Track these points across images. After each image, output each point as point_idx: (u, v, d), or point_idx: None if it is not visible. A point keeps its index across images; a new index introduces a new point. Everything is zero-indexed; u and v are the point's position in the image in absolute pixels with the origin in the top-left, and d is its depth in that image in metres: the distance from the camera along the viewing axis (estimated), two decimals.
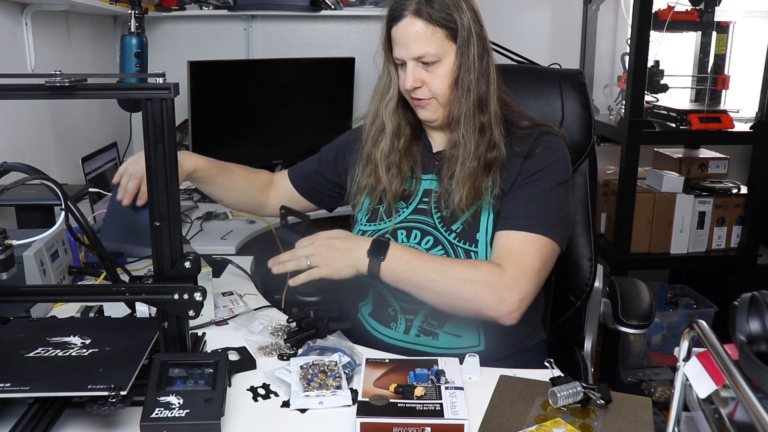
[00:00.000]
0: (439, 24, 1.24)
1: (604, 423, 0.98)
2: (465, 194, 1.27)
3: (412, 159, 1.38)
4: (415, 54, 1.25)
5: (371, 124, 1.39)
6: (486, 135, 1.28)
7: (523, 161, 1.30)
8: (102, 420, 0.98)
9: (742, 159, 2.92)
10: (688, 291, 2.86)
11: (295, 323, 1.27)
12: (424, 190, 1.37)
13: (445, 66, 1.26)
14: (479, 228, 1.29)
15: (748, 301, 0.70)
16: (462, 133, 1.28)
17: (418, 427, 0.94)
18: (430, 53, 1.24)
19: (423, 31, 1.24)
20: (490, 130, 1.28)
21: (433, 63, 1.26)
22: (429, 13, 1.23)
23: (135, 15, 1.52)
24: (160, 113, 0.98)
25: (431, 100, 1.30)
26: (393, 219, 1.37)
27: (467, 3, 1.26)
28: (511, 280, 1.19)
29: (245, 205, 1.60)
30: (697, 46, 2.77)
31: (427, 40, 1.24)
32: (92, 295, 1.18)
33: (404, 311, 1.35)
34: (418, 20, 1.24)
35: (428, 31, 1.24)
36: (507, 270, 1.20)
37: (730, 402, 0.72)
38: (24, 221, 1.59)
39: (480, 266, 1.22)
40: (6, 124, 1.80)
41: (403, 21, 1.25)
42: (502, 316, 1.20)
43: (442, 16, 1.24)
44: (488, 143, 1.28)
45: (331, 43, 2.96)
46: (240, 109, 2.50)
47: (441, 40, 1.25)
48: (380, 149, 1.36)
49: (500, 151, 1.28)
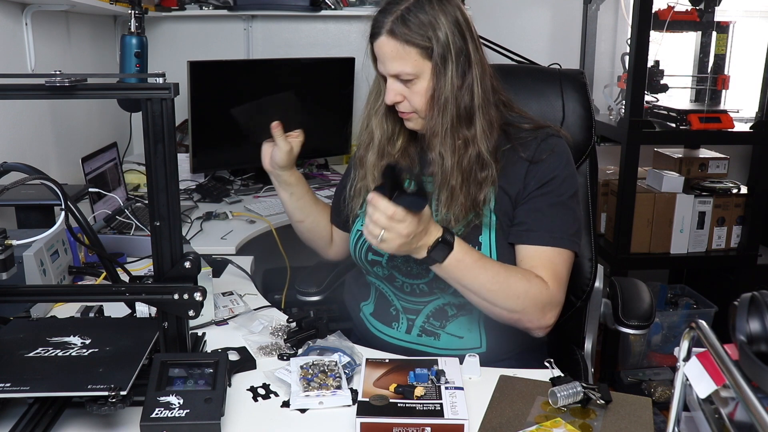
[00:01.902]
0: (412, 43, 1.22)
1: (604, 423, 0.98)
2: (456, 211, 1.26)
3: (409, 160, 1.38)
4: (392, 72, 1.25)
5: (362, 131, 1.41)
6: (469, 151, 1.26)
7: (529, 165, 1.29)
8: (102, 420, 0.98)
9: (742, 159, 2.92)
10: (688, 291, 2.86)
11: (295, 323, 1.27)
12: None
13: (423, 82, 1.25)
14: (481, 231, 1.29)
15: (748, 301, 0.70)
16: (439, 151, 1.26)
17: (418, 427, 0.94)
18: (405, 71, 1.24)
19: (397, 51, 1.23)
20: (475, 146, 1.25)
21: (410, 80, 1.25)
22: (402, 32, 1.22)
23: (135, 15, 1.52)
24: (160, 113, 0.98)
25: (412, 114, 1.30)
26: None
27: (448, 17, 1.23)
28: (554, 296, 1.24)
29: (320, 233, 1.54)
30: (697, 46, 2.77)
31: (401, 59, 1.23)
32: (92, 295, 1.18)
33: (406, 311, 1.35)
34: (391, 39, 1.23)
35: (402, 51, 1.23)
36: (550, 286, 1.23)
37: (730, 402, 0.72)
38: (24, 221, 1.59)
39: (532, 281, 1.23)
40: (6, 124, 1.80)
41: (380, 39, 1.24)
42: (538, 329, 1.25)
43: (416, 34, 1.21)
44: (475, 159, 1.26)
45: (331, 43, 2.96)
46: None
47: (415, 59, 1.23)
48: (369, 157, 1.37)
49: (491, 170, 1.26)
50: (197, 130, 2.38)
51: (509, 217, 1.30)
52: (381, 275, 1.37)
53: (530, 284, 1.22)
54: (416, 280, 1.32)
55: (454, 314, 1.33)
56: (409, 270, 1.32)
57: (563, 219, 1.28)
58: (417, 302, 1.34)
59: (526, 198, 1.29)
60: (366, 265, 1.38)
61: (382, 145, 1.37)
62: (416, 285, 1.33)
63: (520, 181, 1.29)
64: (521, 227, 1.28)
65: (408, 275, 1.32)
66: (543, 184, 1.28)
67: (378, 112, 1.36)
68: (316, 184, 2.60)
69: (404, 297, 1.35)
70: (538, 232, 1.26)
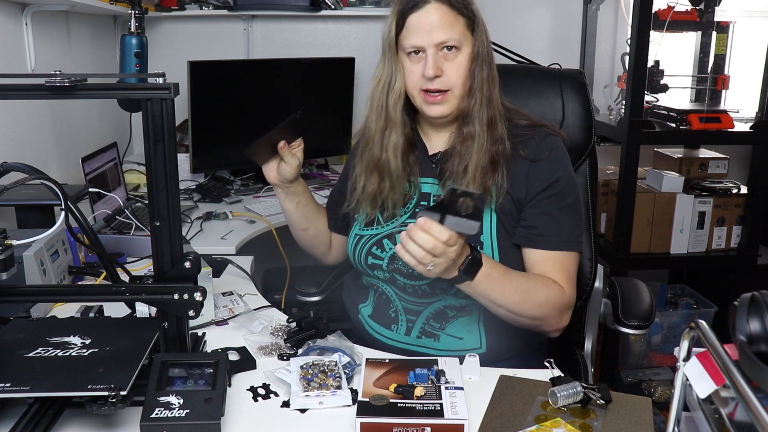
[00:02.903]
0: (462, 13, 1.27)
1: (604, 423, 0.98)
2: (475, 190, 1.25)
3: (409, 166, 1.36)
4: (439, 39, 1.25)
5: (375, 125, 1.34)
6: (493, 129, 1.29)
7: (530, 165, 1.30)
8: (102, 420, 0.98)
9: (742, 159, 2.92)
10: (688, 291, 2.86)
11: (295, 323, 1.27)
12: (421, 194, 1.36)
13: (464, 55, 1.27)
14: (482, 230, 1.29)
15: (748, 301, 0.70)
16: (477, 126, 1.28)
17: (418, 427, 0.94)
18: (453, 38, 1.25)
19: (447, 17, 1.25)
20: (497, 126, 1.29)
21: (452, 50, 1.26)
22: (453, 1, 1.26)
23: (135, 15, 1.53)
24: (160, 113, 0.98)
25: (447, 93, 1.28)
26: (390, 223, 1.36)
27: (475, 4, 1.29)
28: (569, 300, 1.28)
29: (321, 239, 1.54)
30: (697, 46, 2.77)
31: (450, 26, 1.25)
32: (92, 295, 1.18)
33: (407, 312, 1.35)
34: (443, 5, 1.26)
35: (452, 17, 1.26)
36: (566, 290, 1.27)
37: (730, 402, 0.72)
38: (24, 221, 1.59)
39: (551, 287, 1.25)
40: (6, 124, 1.80)
41: (427, 6, 1.26)
42: (555, 331, 1.30)
43: (464, 3, 1.27)
44: (494, 137, 1.29)
45: (331, 43, 2.96)
46: (240, 109, 2.50)
47: (462, 28, 1.27)
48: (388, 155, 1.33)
49: (505, 145, 1.29)
50: (197, 130, 2.38)
51: (512, 216, 1.30)
52: (382, 278, 1.37)
53: (550, 291, 1.24)
54: (418, 282, 1.32)
55: (453, 315, 1.33)
56: (410, 272, 1.31)
57: (571, 222, 1.30)
58: (418, 303, 1.34)
59: (532, 200, 1.29)
60: (366, 269, 1.38)
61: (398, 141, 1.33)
62: (418, 286, 1.32)
63: (522, 182, 1.29)
64: (532, 231, 1.29)
65: (409, 277, 1.32)
66: (548, 185, 1.29)
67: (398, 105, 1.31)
68: (316, 184, 2.59)
69: (406, 298, 1.35)
70: (549, 237, 1.28)
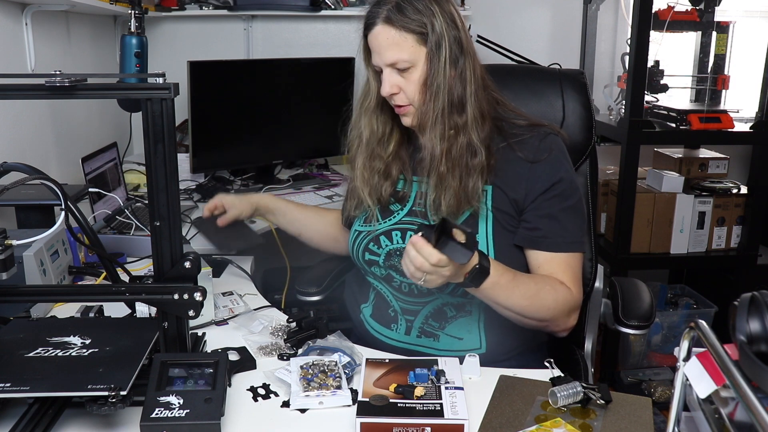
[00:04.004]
0: (409, 30, 1.24)
1: (604, 423, 0.98)
2: (448, 200, 1.26)
3: (401, 162, 1.37)
4: (389, 60, 1.25)
5: (351, 130, 1.40)
6: (459, 139, 1.26)
7: (530, 166, 1.29)
8: (102, 420, 0.98)
9: (742, 159, 2.92)
10: (688, 291, 2.86)
11: (295, 323, 1.27)
12: (417, 192, 1.37)
13: (418, 71, 1.26)
14: (478, 231, 1.29)
15: (748, 301, 0.70)
16: (429, 137, 1.27)
17: (418, 427, 0.94)
18: (402, 59, 1.24)
19: (394, 38, 1.24)
20: (465, 134, 1.26)
21: (407, 69, 1.25)
22: (399, 19, 1.23)
23: (135, 15, 1.52)
24: (160, 113, 0.98)
25: (409, 107, 1.29)
26: (388, 220, 1.37)
27: (442, 7, 1.25)
28: (577, 300, 1.29)
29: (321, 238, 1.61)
30: (697, 46, 2.77)
31: (398, 47, 1.24)
32: (92, 295, 1.18)
33: (405, 312, 1.35)
34: (388, 27, 1.24)
35: (399, 38, 1.24)
36: (573, 291, 1.28)
37: (730, 402, 0.72)
38: (24, 221, 1.59)
39: (558, 289, 1.26)
40: (6, 124, 1.80)
41: (376, 28, 1.25)
42: (563, 331, 1.31)
43: (413, 21, 1.23)
44: (465, 147, 1.26)
45: (331, 43, 2.96)
46: (240, 109, 2.50)
47: (412, 45, 1.24)
48: (361, 156, 1.37)
49: (481, 157, 1.26)
50: (197, 130, 2.38)
51: (511, 216, 1.30)
52: (379, 275, 1.37)
53: (557, 293, 1.25)
54: None
55: (453, 315, 1.33)
56: None
57: (575, 223, 1.31)
58: (415, 302, 1.34)
59: (534, 201, 1.29)
60: (363, 265, 1.39)
61: (371, 145, 1.37)
62: (414, 285, 1.32)
63: (522, 183, 1.29)
64: (536, 233, 1.29)
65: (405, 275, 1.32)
66: (550, 186, 1.29)
67: (368, 111, 1.36)
68: (316, 183, 2.60)
69: (402, 297, 1.35)
70: (553, 239, 1.28)
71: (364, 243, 1.37)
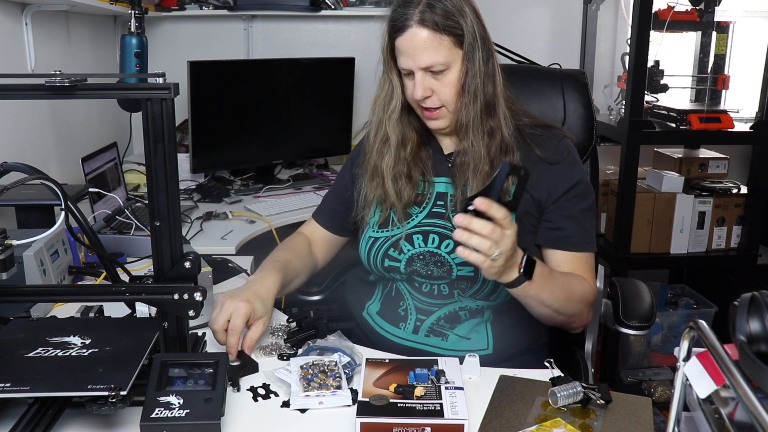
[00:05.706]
0: (446, 31, 1.21)
1: (604, 423, 0.98)
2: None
3: (422, 164, 1.35)
4: (424, 64, 1.22)
5: (374, 135, 1.35)
6: (496, 138, 1.26)
7: (551, 167, 1.29)
8: (102, 420, 0.97)
9: (742, 159, 2.92)
10: (688, 291, 2.86)
11: (295, 323, 1.27)
12: (438, 194, 1.35)
13: (453, 73, 1.23)
14: None
15: (748, 301, 0.70)
16: (471, 140, 1.26)
17: (418, 427, 0.94)
18: (438, 62, 1.21)
19: (430, 41, 1.20)
20: (500, 133, 1.27)
21: (441, 71, 1.23)
22: (434, 21, 1.20)
23: (135, 15, 1.53)
24: (160, 113, 0.98)
25: (441, 109, 1.27)
26: (406, 224, 1.34)
27: (469, 6, 1.23)
28: (596, 295, 1.33)
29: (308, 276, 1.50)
30: (697, 46, 2.77)
31: (434, 50, 1.21)
32: (92, 295, 1.18)
33: (419, 311, 1.34)
34: (424, 29, 1.20)
35: (435, 40, 1.20)
36: (593, 287, 1.31)
37: (730, 402, 0.72)
38: (24, 221, 1.59)
39: (584, 284, 1.28)
40: (6, 124, 1.80)
41: (409, 31, 1.21)
42: (582, 326, 1.34)
43: (448, 23, 1.20)
44: (499, 146, 1.27)
45: (331, 43, 2.96)
46: (240, 109, 2.51)
47: (448, 47, 1.22)
48: (386, 162, 1.33)
49: (514, 154, 1.27)
50: (197, 130, 2.39)
51: (532, 216, 1.30)
52: (398, 278, 1.36)
53: (584, 287, 1.27)
54: (437, 281, 1.32)
55: (466, 318, 1.32)
56: (429, 272, 1.31)
57: (591, 224, 1.33)
58: (433, 304, 1.33)
59: (556, 202, 1.30)
60: (382, 272, 1.36)
61: (397, 149, 1.33)
62: (437, 286, 1.32)
63: (543, 183, 1.29)
64: (559, 233, 1.30)
65: (428, 277, 1.32)
66: (571, 187, 1.30)
67: (392, 117, 1.32)
68: (316, 183, 2.60)
69: (420, 297, 1.34)
70: (575, 239, 1.30)
71: (383, 249, 1.34)
